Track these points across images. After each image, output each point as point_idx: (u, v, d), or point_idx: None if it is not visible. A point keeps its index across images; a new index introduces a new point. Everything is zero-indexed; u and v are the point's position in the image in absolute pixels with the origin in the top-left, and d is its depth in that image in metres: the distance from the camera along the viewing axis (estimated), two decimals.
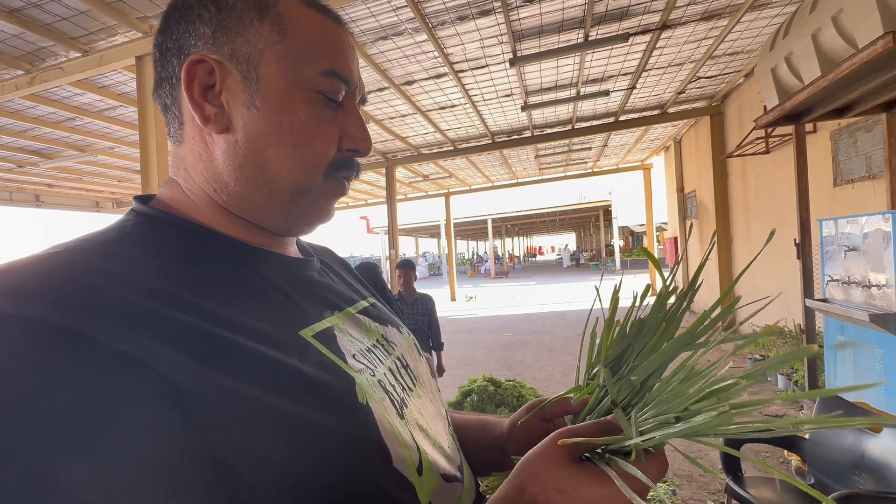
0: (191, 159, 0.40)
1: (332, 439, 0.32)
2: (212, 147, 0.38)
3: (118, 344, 0.27)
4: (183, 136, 0.40)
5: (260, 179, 0.39)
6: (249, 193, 0.39)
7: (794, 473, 2.44)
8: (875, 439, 1.68)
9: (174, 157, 0.41)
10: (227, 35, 0.37)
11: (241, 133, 0.37)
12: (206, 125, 0.37)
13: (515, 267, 29.88)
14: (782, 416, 3.42)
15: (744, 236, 6.05)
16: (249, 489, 0.28)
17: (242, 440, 0.29)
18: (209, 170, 0.39)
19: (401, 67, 4.61)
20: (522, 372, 5.09)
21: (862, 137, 3.52)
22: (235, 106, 0.37)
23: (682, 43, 4.51)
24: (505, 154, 9.12)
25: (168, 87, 0.39)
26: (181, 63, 0.37)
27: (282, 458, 0.30)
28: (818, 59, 2.60)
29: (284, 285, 0.40)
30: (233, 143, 0.38)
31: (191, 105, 0.37)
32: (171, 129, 0.41)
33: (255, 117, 0.37)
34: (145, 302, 0.30)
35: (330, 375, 0.35)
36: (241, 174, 0.38)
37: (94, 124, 5.51)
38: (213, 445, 0.28)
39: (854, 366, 2.83)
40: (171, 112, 0.40)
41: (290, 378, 0.32)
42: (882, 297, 2.50)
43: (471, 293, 14.23)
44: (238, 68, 0.37)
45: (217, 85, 0.37)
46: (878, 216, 2.53)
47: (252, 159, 0.38)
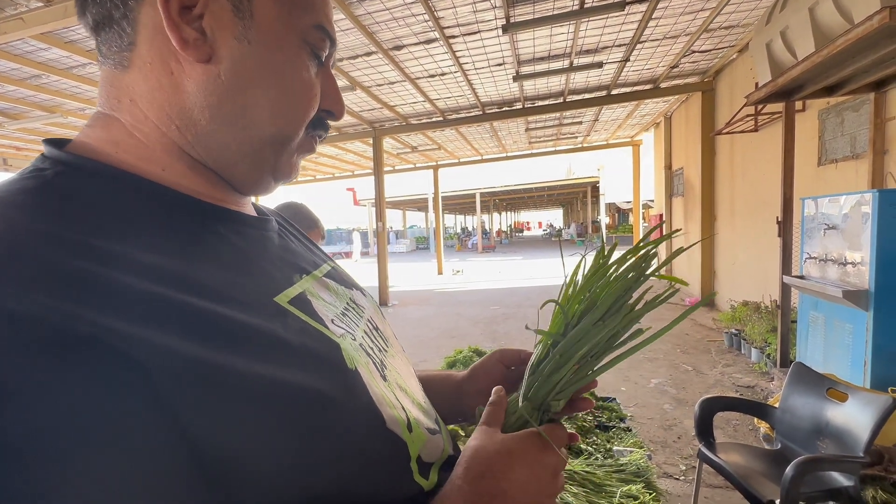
0: (143, 89, 0.33)
1: (328, 408, 0.31)
2: (179, 76, 0.33)
3: (75, 325, 0.23)
4: (131, 60, 0.33)
5: (240, 121, 0.34)
6: (223, 135, 0.35)
7: (763, 440, 2.58)
8: (838, 408, 1.77)
9: (112, 86, 0.34)
10: None
11: (227, 65, 0.33)
12: (183, 50, 0.32)
13: (502, 242, 30.03)
14: (753, 386, 3.59)
15: (727, 214, 6.15)
16: (245, 470, 0.26)
17: (232, 419, 0.26)
18: (173, 102, 0.33)
19: (389, 31, 4.42)
20: (507, 344, 5.19)
21: (849, 117, 3.54)
22: (222, 35, 0.33)
23: (678, 14, 4.41)
24: (495, 126, 8.96)
25: (108, 3, 0.32)
26: None
27: (275, 435, 0.28)
28: (814, 33, 2.56)
29: (248, 247, 0.37)
30: (214, 75, 0.33)
31: (167, 24, 0.31)
32: (108, 50, 0.34)
33: (246, 52, 0.34)
34: (98, 269, 0.25)
35: (315, 342, 0.34)
36: (218, 112, 0.34)
37: (62, 83, 5.19)
38: (197, 432, 0.25)
39: (824, 340, 2.95)
40: (115, 29, 0.33)
41: (275, 347, 0.30)
42: (856, 274, 2.58)
43: (458, 267, 14.30)
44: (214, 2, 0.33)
45: (198, 7, 0.32)
46: (858, 195, 2.58)
47: (234, 97, 0.34)
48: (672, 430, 2.92)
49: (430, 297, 9.24)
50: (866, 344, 2.49)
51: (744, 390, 3.54)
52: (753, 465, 1.83)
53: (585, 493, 1.47)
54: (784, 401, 1.99)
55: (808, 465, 1.53)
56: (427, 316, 7.26)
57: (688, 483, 2.29)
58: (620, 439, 2.05)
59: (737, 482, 1.72)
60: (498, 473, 0.36)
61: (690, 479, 2.31)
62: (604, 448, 1.94)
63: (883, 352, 2.44)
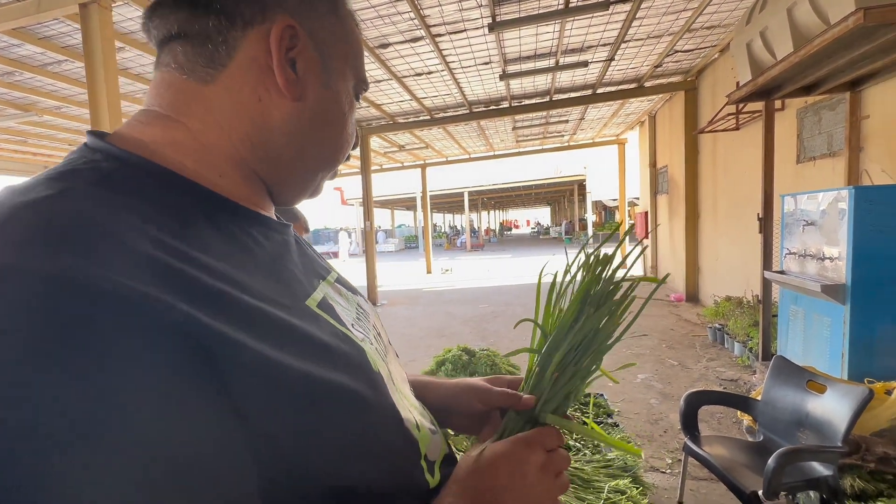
0: (224, 104, 0.37)
1: (362, 407, 0.34)
2: (267, 104, 0.37)
3: (160, 310, 0.25)
4: (217, 78, 0.36)
5: (308, 150, 0.41)
6: (290, 159, 0.40)
7: (746, 432, 2.63)
8: (817, 399, 1.81)
9: (183, 93, 0.37)
10: (311, 13, 0.38)
11: (310, 105, 0.39)
12: (284, 87, 0.37)
13: (491, 240, 30.13)
14: (736, 380, 3.66)
15: (710, 211, 6.27)
16: (283, 463, 0.28)
17: (280, 410, 0.28)
18: (255, 123, 0.37)
19: (375, 28, 4.39)
20: (497, 342, 5.21)
21: (826, 116, 3.63)
22: (312, 81, 0.38)
23: (661, 14, 4.47)
24: (482, 125, 8.98)
25: (211, 22, 0.35)
26: (261, 15, 0.36)
27: (317, 429, 0.30)
28: (792, 34, 2.62)
29: (275, 251, 0.39)
30: (300, 111, 0.38)
31: (276, 63, 0.36)
32: (188, 62, 0.36)
33: (325, 98, 0.40)
34: (173, 262, 0.27)
35: (346, 346, 0.36)
36: (294, 140, 0.39)
37: (36, 80, 5.03)
38: (246, 415, 0.27)
39: (804, 333, 3.02)
40: (207, 48, 0.36)
41: (317, 348, 0.33)
42: (834, 269, 2.65)
43: (447, 266, 14.30)
44: (315, 48, 0.38)
45: (296, 55, 0.37)
46: (835, 192, 2.65)
47: (310, 132, 0.40)
48: (658, 425, 2.96)
49: (419, 296, 9.22)
50: (844, 336, 2.56)
51: (727, 384, 3.61)
52: (737, 458, 1.87)
53: (574, 489, 1.48)
54: (766, 393, 2.04)
55: (788, 456, 1.56)
56: (416, 315, 7.24)
57: (674, 476, 2.33)
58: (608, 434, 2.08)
59: (721, 474, 1.75)
60: (486, 478, 0.39)
61: (676, 472, 2.35)
62: (591, 443, 1.96)
63: (859, 344, 2.51)
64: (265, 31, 0.36)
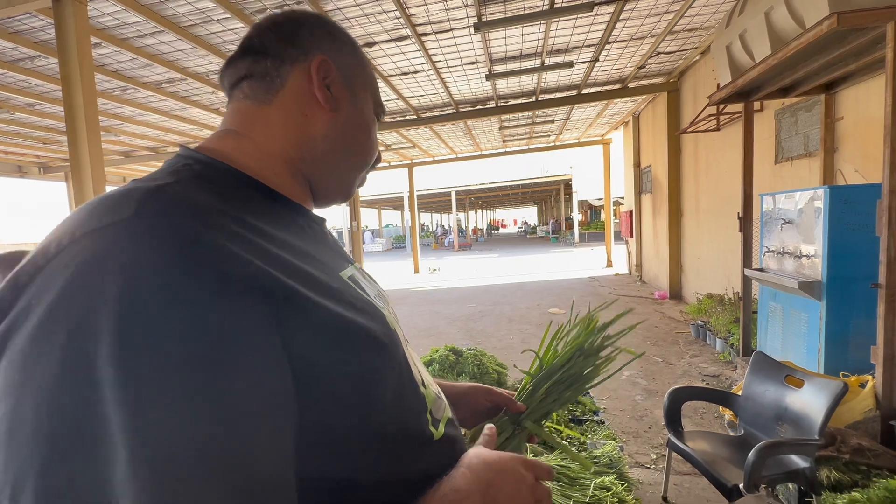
0: (279, 121, 0.49)
1: (381, 349, 0.43)
2: (311, 118, 0.50)
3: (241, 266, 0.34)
4: (273, 102, 0.49)
5: (342, 154, 0.54)
6: (328, 162, 0.52)
7: (727, 426, 2.69)
8: (795, 393, 1.86)
9: (246, 114, 0.50)
10: (338, 53, 0.53)
11: (343, 117, 0.52)
12: (325, 103, 0.50)
13: (479, 239, 30.19)
14: (718, 375, 3.74)
15: (693, 210, 6.39)
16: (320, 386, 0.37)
17: (317, 338, 0.37)
18: (301, 133, 0.50)
19: (360, 27, 4.35)
20: (484, 341, 5.22)
21: (802, 117, 3.73)
22: (343, 98, 0.52)
23: (644, 16, 4.53)
24: (469, 125, 8.99)
25: (266, 63, 0.50)
26: (300, 55, 0.50)
27: (348, 359, 0.39)
28: (769, 37, 2.68)
29: (316, 237, 0.50)
30: (335, 120, 0.52)
31: (317, 87, 0.50)
32: (251, 91, 0.50)
33: (354, 112, 0.54)
34: (247, 233, 0.38)
35: (368, 307, 0.45)
36: (331, 146, 0.52)
37: (7, 76, 4.86)
38: (296, 350, 0.35)
39: (782, 329, 3.10)
40: (266, 81, 0.49)
41: (348, 301, 0.43)
42: (810, 266, 2.72)
43: (434, 265, 14.28)
44: (342, 76, 0.52)
45: (328, 80, 0.51)
46: (812, 191, 2.72)
47: (343, 139, 0.53)
48: (643, 421, 3.00)
49: (407, 295, 9.19)
50: (820, 332, 2.64)
51: (710, 379, 3.69)
52: (719, 452, 1.90)
53: (560, 487, 1.49)
54: (746, 388, 2.08)
55: (768, 449, 1.60)
56: (404, 315, 7.22)
57: (658, 471, 2.37)
58: (594, 432, 2.09)
59: (703, 469, 1.78)
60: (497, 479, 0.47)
61: (661, 467, 2.38)
62: (578, 441, 1.98)
63: (835, 339, 2.59)
64: (307, 66, 0.50)
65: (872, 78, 2.95)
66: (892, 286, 2.12)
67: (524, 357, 4.55)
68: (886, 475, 1.75)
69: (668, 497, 2.14)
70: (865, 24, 2.10)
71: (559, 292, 8.24)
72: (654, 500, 2.14)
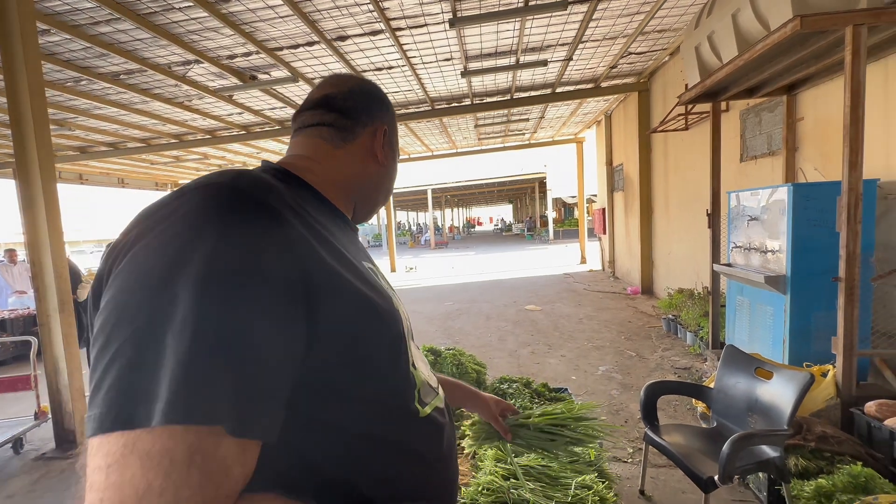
0: (345, 162, 0.67)
1: (386, 320, 0.53)
2: (367, 164, 0.69)
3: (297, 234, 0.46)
4: (343, 147, 0.67)
5: (380, 191, 0.73)
6: (369, 195, 0.71)
7: (700, 418, 2.76)
8: (765, 385, 1.91)
9: (319, 150, 0.66)
10: (390, 123, 0.73)
11: (387, 169, 0.72)
12: (379, 157, 0.69)
13: (455, 238, 30.22)
14: (689, 368, 3.85)
15: (663, 207, 6.56)
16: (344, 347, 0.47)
17: (349, 315, 0.47)
18: (360, 175, 0.68)
19: (332, 20, 4.23)
20: (462, 340, 5.20)
21: (766, 117, 3.87)
22: (389, 156, 0.72)
23: (616, 16, 4.60)
24: (445, 122, 8.94)
25: (347, 122, 0.67)
26: (370, 121, 0.69)
27: (365, 327, 0.50)
28: (736, 38, 2.76)
29: (353, 237, 0.65)
30: (380, 171, 0.71)
31: (377, 147, 0.69)
32: (329, 136, 0.66)
33: (392, 166, 0.74)
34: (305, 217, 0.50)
35: (381, 289, 0.56)
36: (375, 185, 0.71)
37: None
38: (325, 317, 0.45)
39: (749, 322, 3.21)
40: (343, 132, 0.67)
41: (365, 280, 0.53)
42: (775, 261, 2.82)
43: (411, 264, 14.18)
44: (389, 139, 0.72)
45: (382, 144, 0.70)
46: (776, 189, 2.82)
47: (382, 182, 0.72)
48: (619, 415, 3.05)
49: None
50: (785, 324, 2.74)
51: (681, 372, 3.79)
52: (693, 444, 1.94)
53: (542, 488, 1.47)
54: (718, 381, 2.13)
55: (741, 441, 1.63)
56: None
57: (635, 465, 2.40)
58: None
59: (679, 462, 1.81)
60: None
61: (637, 461, 2.42)
62: None
63: (798, 331, 2.69)
64: (373, 130, 0.69)
65: (830, 80, 3.08)
66: (851, 280, 2.21)
67: (503, 355, 4.56)
68: (849, 461, 1.82)
69: (645, 490, 2.17)
70: (826, 28, 2.18)
71: (535, 289, 8.33)
72: (631, 494, 2.16)
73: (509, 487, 1.44)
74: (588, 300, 6.94)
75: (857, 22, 2.12)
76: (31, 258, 3.00)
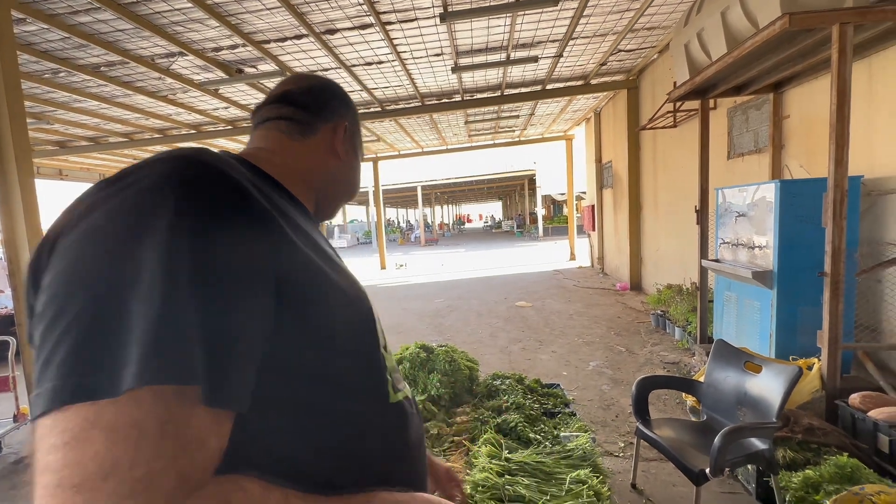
0: (305, 155, 0.66)
1: (353, 306, 0.53)
2: (328, 159, 0.68)
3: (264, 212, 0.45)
4: (304, 141, 0.66)
5: (340, 185, 0.71)
6: (332, 189, 0.70)
7: (689, 412, 2.80)
8: (754, 379, 1.94)
9: (279, 143, 0.65)
10: (353, 120, 0.73)
11: (348, 164, 0.71)
12: (339, 153, 0.69)
13: (445, 235, 30.21)
14: (678, 362, 3.90)
15: (651, 204, 6.63)
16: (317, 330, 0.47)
17: (316, 292, 0.47)
18: (320, 169, 0.67)
19: (321, 13, 4.16)
20: (453, 336, 5.20)
21: (753, 115, 3.92)
22: (350, 152, 0.71)
23: (606, 13, 4.61)
24: (435, 119, 8.90)
25: (307, 116, 0.67)
26: (331, 117, 0.69)
27: (327, 308, 0.49)
28: (725, 36, 2.78)
29: (313, 225, 0.63)
30: (341, 167, 0.70)
31: (337, 142, 0.68)
32: (288, 129, 0.66)
33: (353, 160, 0.73)
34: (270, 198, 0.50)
35: (344, 272, 0.56)
36: (337, 178, 0.70)
37: None
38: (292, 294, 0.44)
39: (736, 317, 3.26)
40: (303, 126, 0.66)
41: (336, 268, 0.53)
42: (762, 256, 2.86)
43: (401, 261, 14.13)
44: (351, 136, 0.71)
45: (343, 137, 0.69)
46: (763, 185, 2.86)
47: (344, 175, 0.71)
48: (610, 410, 3.07)
49: (374, 292, 9.03)
50: (771, 319, 2.79)
51: (670, 366, 3.83)
52: (684, 438, 1.96)
53: (537, 483, 1.47)
54: (708, 375, 2.16)
55: (732, 434, 1.65)
56: None
57: (626, 459, 2.42)
58: (566, 424, 2.10)
59: (671, 455, 1.82)
60: None
61: (629, 455, 2.44)
62: (551, 435, 1.98)
63: (784, 325, 2.74)
64: (333, 126, 0.68)
65: (816, 79, 3.13)
66: (837, 275, 2.25)
67: (494, 352, 4.56)
68: (835, 452, 1.86)
69: (637, 484, 2.19)
70: (814, 25, 2.20)
71: (525, 285, 8.36)
72: (623, 488, 2.18)
73: (504, 484, 1.43)
74: (578, 296, 6.99)
75: (844, 20, 2.15)
76: (8, 256, 2.90)
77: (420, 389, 2.41)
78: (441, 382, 2.40)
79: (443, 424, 2.15)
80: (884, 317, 2.64)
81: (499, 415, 2.15)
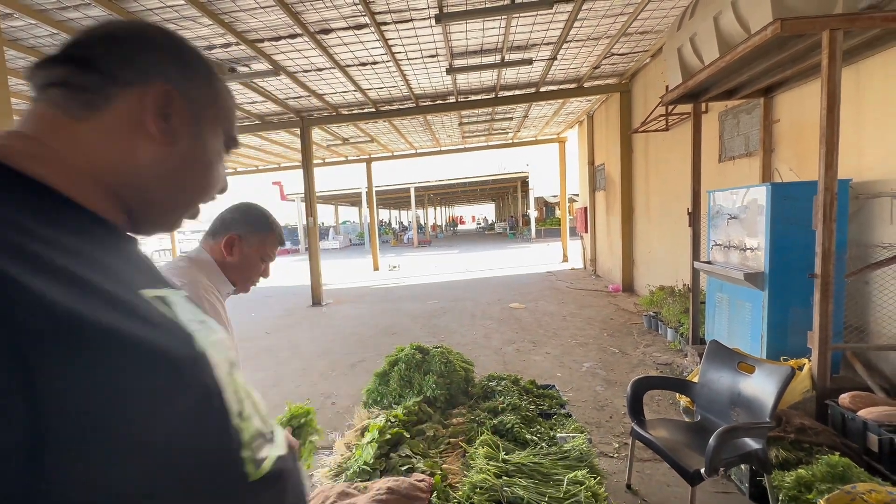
0: (92, 139, 0.43)
1: (177, 373, 0.38)
2: (137, 144, 0.45)
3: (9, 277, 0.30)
4: (89, 118, 0.43)
5: (175, 189, 0.49)
6: (157, 194, 0.47)
7: (683, 412, 2.82)
8: (748, 379, 1.96)
9: (49, 122, 0.43)
10: (188, 82, 0.48)
11: (181, 151, 0.47)
12: (159, 135, 0.45)
13: (438, 236, 30.21)
14: (670, 363, 3.93)
15: (644, 206, 6.69)
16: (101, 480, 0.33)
17: (110, 376, 0.33)
18: (122, 160, 0.44)
19: (315, 12, 4.14)
20: (447, 338, 5.19)
21: (743, 119, 3.98)
22: (183, 132, 0.47)
23: (600, 16, 4.65)
24: (429, 120, 8.90)
25: (92, 78, 0.44)
26: (136, 77, 0.45)
27: (141, 390, 0.35)
28: (718, 41, 2.81)
29: (123, 254, 0.45)
30: (169, 154, 0.46)
31: (151, 116, 0.45)
32: (63, 102, 0.43)
33: (195, 147, 0.49)
34: (25, 243, 0.33)
35: (171, 325, 0.41)
36: (162, 176, 0.47)
37: None
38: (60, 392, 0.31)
39: (728, 318, 3.29)
40: (83, 96, 0.43)
41: (157, 317, 0.40)
42: (754, 258, 2.90)
43: (394, 262, 14.10)
44: (189, 107, 0.48)
45: (169, 109, 0.46)
46: (754, 188, 2.90)
47: (176, 172, 0.48)
48: (605, 411, 3.09)
49: (367, 293, 8.99)
50: (763, 320, 2.82)
51: (663, 367, 3.86)
52: (679, 438, 1.97)
53: (535, 485, 1.47)
54: (702, 376, 2.17)
55: (726, 434, 1.67)
56: (364, 313, 7.04)
57: (621, 460, 2.43)
58: (562, 425, 2.10)
59: (666, 455, 1.83)
60: None
61: (624, 455, 2.45)
62: (548, 436, 1.98)
63: (776, 326, 2.78)
64: (142, 90, 0.44)
65: (805, 83, 3.18)
66: (827, 276, 2.29)
67: (489, 353, 4.56)
68: (826, 451, 1.88)
69: (632, 484, 2.20)
70: (805, 31, 2.24)
71: (518, 287, 8.38)
72: (618, 489, 2.19)
73: (503, 485, 1.43)
74: (571, 298, 7.03)
75: (834, 26, 2.19)
76: None
77: (416, 391, 2.40)
78: (437, 384, 2.39)
79: (439, 426, 2.15)
80: (871, 318, 2.69)
81: (495, 416, 2.15)
